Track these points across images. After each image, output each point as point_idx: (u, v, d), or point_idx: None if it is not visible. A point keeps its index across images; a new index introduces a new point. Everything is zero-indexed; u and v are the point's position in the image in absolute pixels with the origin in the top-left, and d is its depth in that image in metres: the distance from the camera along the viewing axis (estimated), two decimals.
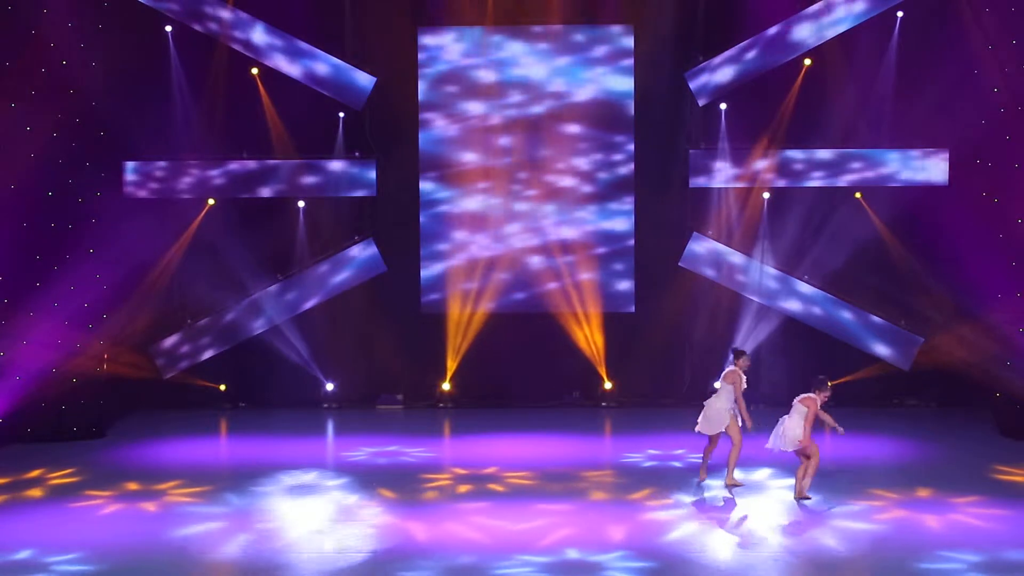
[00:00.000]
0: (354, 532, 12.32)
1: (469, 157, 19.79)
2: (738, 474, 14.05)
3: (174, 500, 13.66)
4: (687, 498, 13.65)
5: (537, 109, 19.72)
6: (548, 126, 19.72)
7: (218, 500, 13.66)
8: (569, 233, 19.84)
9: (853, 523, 12.56)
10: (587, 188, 19.79)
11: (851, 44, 19.13)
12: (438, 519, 12.73)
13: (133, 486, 14.30)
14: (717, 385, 14.26)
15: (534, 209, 19.83)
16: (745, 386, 13.85)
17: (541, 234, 19.84)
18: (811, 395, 13.30)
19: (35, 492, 14.19)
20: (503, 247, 19.88)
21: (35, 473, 15.11)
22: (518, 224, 19.86)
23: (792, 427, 13.25)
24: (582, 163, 19.76)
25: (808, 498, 13.32)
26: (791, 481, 13.74)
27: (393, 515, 12.98)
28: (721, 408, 13.84)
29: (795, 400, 13.41)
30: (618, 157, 19.73)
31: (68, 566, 11.09)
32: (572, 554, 11.39)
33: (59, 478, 14.87)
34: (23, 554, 11.48)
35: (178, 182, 19.58)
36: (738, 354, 14.17)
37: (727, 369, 14.08)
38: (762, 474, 14.76)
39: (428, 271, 19.91)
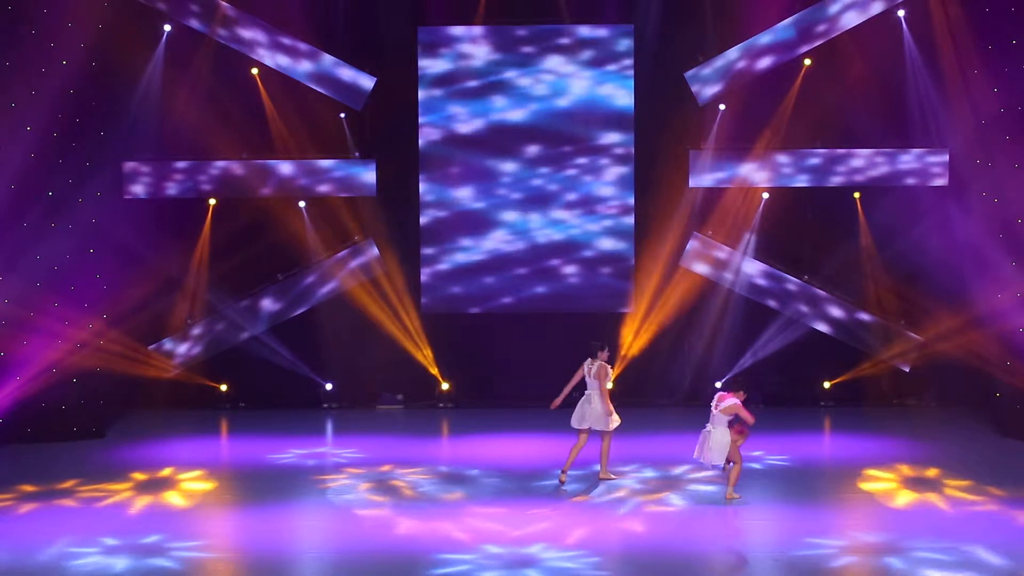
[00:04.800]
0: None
1: (468, 156, 19.79)
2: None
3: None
4: (677, 500, 13.65)
5: (536, 108, 19.72)
6: (547, 125, 19.72)
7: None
8: (568, 231, 19.84)
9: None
10: (587, 187, 19.79)
11: (851, 44, 19.10)
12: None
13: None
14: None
15: (534, 209, 19.83)
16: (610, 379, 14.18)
17: (541, 234, 19.85)
18: (731, 400, 13.13)
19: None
20: (502, 246, 19.88)
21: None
22: (518, 223, 19.86)
23: (719, 438, 13.07)
24: (582, 161, 19.76)
25: (736, 496, 13.32)
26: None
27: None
28: (598, 406, 14.03)
29: (715, 408, 13.19)
30: (618, 157, 19.73)
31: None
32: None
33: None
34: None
35: (178, 182, 19.57)
36: (599, 347, 14.25)
37: (595, 365, 14.12)
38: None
39: (428, 270, 19.93)
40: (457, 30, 19.67)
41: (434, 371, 19.85)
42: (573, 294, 19.88)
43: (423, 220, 19.88)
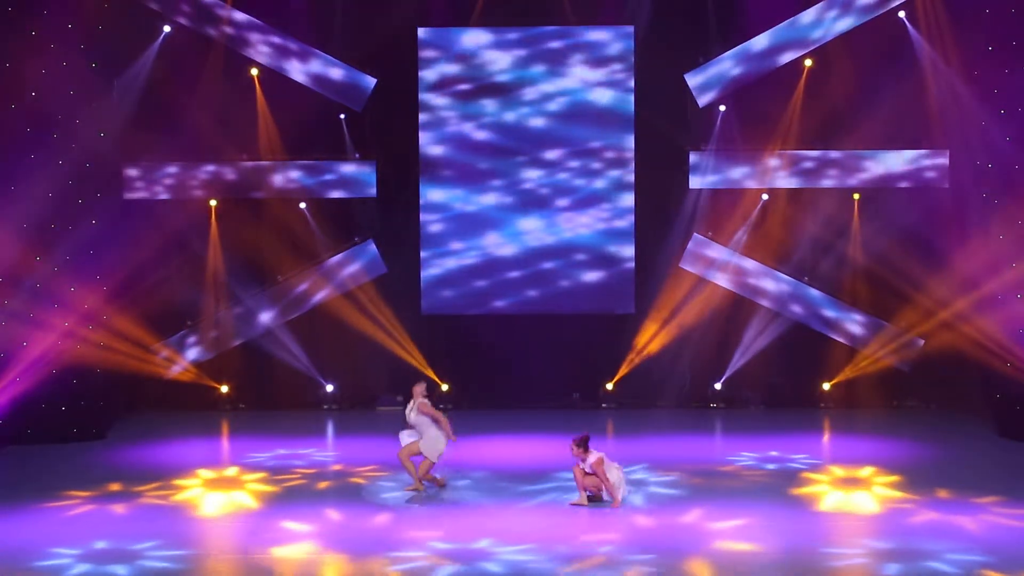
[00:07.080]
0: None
1: (469, 157, 19.79)
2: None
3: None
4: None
5: (537, 109, 19.72)
6: (548, 126, 19.72)
7: None
8: (569, 233, 19.84)
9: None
10: (587, 188, 19.79)
11: (852, 45, 19.10)
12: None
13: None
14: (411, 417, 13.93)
15: (534, 210, 19.83)
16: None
17: (540, 234, 19.84)
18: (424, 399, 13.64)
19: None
20: (503, 248, 19.88)
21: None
22: (518, 224, 19.85)
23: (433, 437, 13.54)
24: (582, 163, 19.75)
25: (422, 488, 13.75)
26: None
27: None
28: (435, 433, 13.78)
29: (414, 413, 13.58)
30: (618, 157, 19.73)
31: None
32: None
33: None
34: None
35: (178, 183, 19.56)
36: (428, 387, 14.14)
37: (418, 403, 13.81)
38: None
39: (428, 272, 19.92)
40: (457, 31, 19.67)
41: (431, 373, 19.83)
42: (573, 296, 19.86)
43: (423, 221, 19.87)
